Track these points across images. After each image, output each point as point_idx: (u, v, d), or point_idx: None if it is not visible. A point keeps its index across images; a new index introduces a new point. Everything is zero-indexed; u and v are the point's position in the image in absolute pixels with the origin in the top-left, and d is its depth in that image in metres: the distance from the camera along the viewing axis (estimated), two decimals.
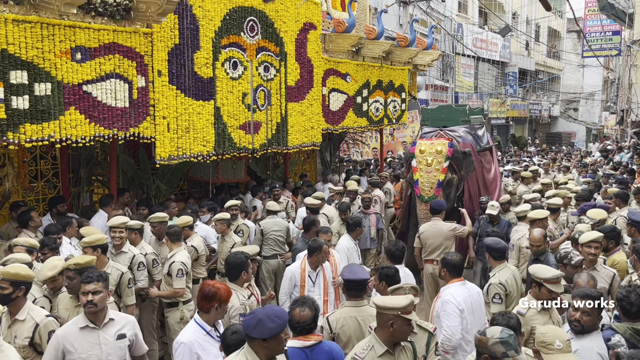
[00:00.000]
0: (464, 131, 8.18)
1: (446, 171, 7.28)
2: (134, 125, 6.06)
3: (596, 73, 38.12)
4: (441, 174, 7.28)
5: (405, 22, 20.59)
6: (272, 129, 7.83)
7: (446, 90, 25.80)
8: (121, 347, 3.60)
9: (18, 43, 5.01)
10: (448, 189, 7.35)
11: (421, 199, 7.31)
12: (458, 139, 7.91)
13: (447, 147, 7.32)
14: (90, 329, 3.51)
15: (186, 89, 6.54)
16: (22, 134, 5.11)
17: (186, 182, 9.09)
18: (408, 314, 3.07)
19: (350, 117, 9.56)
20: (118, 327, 3.61)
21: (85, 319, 3.52)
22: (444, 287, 4.43)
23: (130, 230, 5.54)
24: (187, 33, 6.50)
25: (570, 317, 3.53)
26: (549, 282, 4.01)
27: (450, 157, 7.32)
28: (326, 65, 8.86)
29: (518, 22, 32.15)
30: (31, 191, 6.86)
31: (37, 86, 5.18)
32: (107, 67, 5.74)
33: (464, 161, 7.51)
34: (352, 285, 3.94)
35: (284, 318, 2.91)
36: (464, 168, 7.55)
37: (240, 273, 4.40)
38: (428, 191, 7.23)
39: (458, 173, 7.49)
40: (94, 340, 3.50)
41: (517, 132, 34.46)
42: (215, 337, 3.56)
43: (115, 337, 3.57)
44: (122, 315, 3.79)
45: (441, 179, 7.27)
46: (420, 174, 7.35)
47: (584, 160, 17.76)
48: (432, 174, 7.28)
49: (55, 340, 3.46)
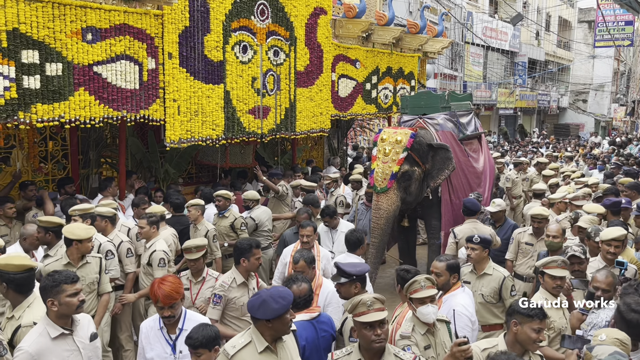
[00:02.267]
0: (443, 118, 7.58)
1: (402, 162, 6.58)
2: (143, 108, 6.06)
3: (606, 64, 37.72)
4: (396, 165, 6.59)
5: (415, 9, 20.41)
6: (281, 114, 7.81)
7: (455, 79, 25.62)
8: (98, 347, 3.32)
9: (29, 22, 5.02)
10: (405, 182, 6.67)
11: (374, 189, 6.74)
12: (437, 126, 7.34)
13: (408, 138, 6.61)
14: (64, 336, 3.09)
15: (196, 72, 6.52)
16: (33, 113, 5.13)
17: (194, 166, 9.10)
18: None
19: (359, 104, 9.52)
20: (86, 327, 3.27)
21: (55, 326, 3.06)
22: (446, 296, 3.93)
23: (100, 218, 5.16)
24: (198, 15, 6.47)
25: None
26: (548, 267, 3.91)
27: (409, 148, 6.61)
28: (336, 50, 8.81)
29: (529, 11, 31.79)
30: (40, 172, 6.90)
31: (49, 66, 5.20)
32: (117, 49, 5.74)
33: (430, 155, 6.81)
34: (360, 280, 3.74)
35: (288, 299, 2.87)
36: (431, 162, 6.83)
37: (239, 259, 4.22)
38: (381, 182, 6.62)
39: (422, 166, 6.79)
40: (71, 347, 3.11)
41: (525, 122, 34.25)
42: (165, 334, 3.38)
43: (89, 338, 3.24)
44: (82, 315, 3.33)
45: (395, 170, 6.58)
46: (376, 163, 6.74)
47: (593, 151, 17.64)
48: (388, 164, 6.63)
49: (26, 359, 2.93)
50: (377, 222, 6.62)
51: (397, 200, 6.64)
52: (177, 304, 3.32)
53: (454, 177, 7.13)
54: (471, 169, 7.64)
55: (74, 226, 4.45)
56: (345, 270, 3.69)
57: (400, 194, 6.65)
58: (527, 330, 3.03)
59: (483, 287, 4.47)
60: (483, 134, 8.76)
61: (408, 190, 6.74)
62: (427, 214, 7.32)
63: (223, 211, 6.47)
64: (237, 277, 4.23)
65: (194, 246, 4.56)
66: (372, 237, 6.65)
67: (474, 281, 4.57)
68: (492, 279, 4.47)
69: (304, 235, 4.90)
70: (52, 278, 3.10)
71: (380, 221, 6.60)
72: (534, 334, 3.02)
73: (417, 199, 6.92)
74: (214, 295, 4.14)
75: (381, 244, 6.70)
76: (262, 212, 6.83)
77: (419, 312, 3.25)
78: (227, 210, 6.48)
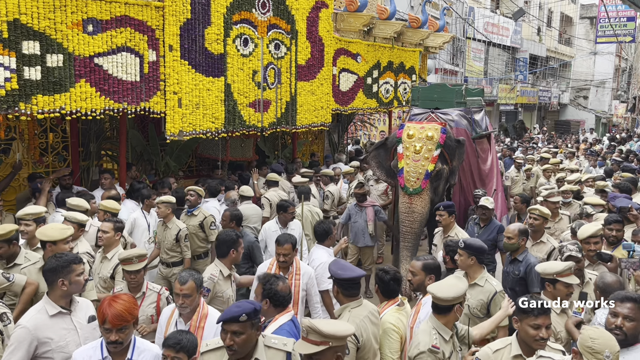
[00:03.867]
0: (458, 115, 7.05)
1: (436, 160, 6.16)
2: (144, 100, 6.06)
3: (608, 60, 37.64)
4: (430, 164, 6.15)
5: (416, 3, 20.34)
6: (282, 108, 7.80)
7: (456, 75, 25.57)
8: (95, 329, 3.27)
9: (30, 13, 5.02)
10: (437, 182, 6.28)
11: (405, 190, 6.23)
12: (451, 123, 6.88)
13: (440, 133, 6.20)
14: (62, 314, 3.16)
15: (197, 64, 6.51)
16: (34, 105, 5.13)
17: (195, 159, 9.10)
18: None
19: (360, 98, 9.51)
20: (85, 309, 3.31)
21: (54, 305, 3.14)
22: (426, 298, 3.61)
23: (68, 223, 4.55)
24: (199, 8, 6.46)
25: (610, 325, 3.03)
26: (563, 275, 3.63)
27: (442, 144, 6.21)
28: (337, 44, 8.79)
29: (530, 7, 31.70)
30: (41, 164, 6.89)
31: (49, 57, 5.20)
32: (118, 40, 5.73)
33: (457, 150, 6.43)
34: (350, 284, 3.39)
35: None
36: (457, 158, 6.45)
37: (229, 250, 4.15)
38: (414, 182, 6.14)
39: (450, 164, 6.39)
40: (69, 325, 3.17)
41: (525, 118, 34.21)
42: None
43: (87, 319, 3.27)
44: (81, 298, 3.42)
45: (430, 169, 6.15)
46: (406, 162, 6.22)
47: (593, 147, 17.63)
48: (420, 162, 6.15)
49: (25, 334, 2.98)
50: (411, 226, 6.17)
51: (429, 201, 6.22)
52: (128, 327, 2.83)
53: (463, 177, 6.85)
54: (478, 169, 7.30)
55: (48, 227, 4.10)
56: (330, 272, 3.47)
57: (431, 195, 6.22)
58: (525, 327, 2.99)
59: (470, 298, 3.99)
60: (492, 134, 8.30)
61: (437, 190, 6.32)
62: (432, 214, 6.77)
63: (192, 209, 6.03)
64: (223, 269, 4.15)
65: (135, 255, 3.92)
66: (405, 241, 6.27)
67: None
68: (481, 291, 3.98)
69: (280, 254, 4.21)
70: (61, 259, 3.20)
71: (414, 225, 6.17)
72: (533, 330, 2.95)
73: (441, 198, 6.42)
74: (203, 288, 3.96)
75: (414, 248, 6.27)
76: (249, 208, 6.46)
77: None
78: (196, 208, 6.04)
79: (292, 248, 4.25)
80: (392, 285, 3.60)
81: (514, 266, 4.75)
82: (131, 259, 3.91)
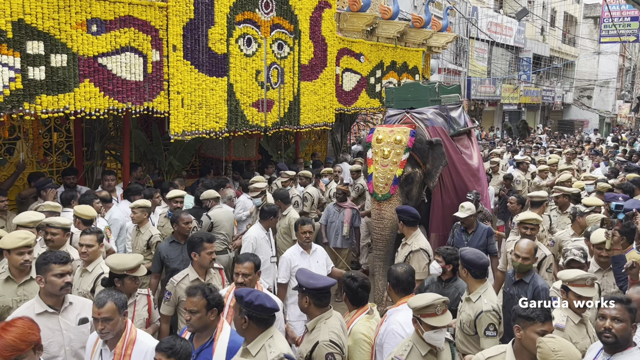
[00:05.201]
0: (433, 113, 6.80)
1: (405, 165, 5.90)
2: (147, 100, 6.08)
3: (612, 60, 37.50)
4: (398, 168, 5.87)
5: (420, 3, 20.31)
6: (285, 108, 7.81)
7: (459, 74, 25.53)
8: (84, 332, 3.24)
9: (35, 13, 5.04)
10: (408, 186, 6.00)
11: (374, 196, 5.98)
12: (426, 122, 6.65)
13: (408, 136, 5.93)
14: (49, 314, 3.12)
15: (200, 64, 6.53)
16: (38, 104, 5.15)
17: (198, 159, 9.12)
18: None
19: (363, 98, 9.51)
20: (78, 311, 3.26)
21: (42, 304, 3.13)
22: (391, 310, 3.42)
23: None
24: (202, 8, 6.47)
25: (599, 329, 2.93)
26: (575, 285, 3.44)
27: (411, 147, 5.93)
28: (340, 44, 8.79)
29: (534, 6, 31.63)
30: (45, 163, 6.92)
31: (53, 57, 5.22)
32: (122, 40, 5.75)
33: (430, 152, 6.14)
34: (323, 293, 3.18)
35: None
36: (431, 161, 6.17)
37: (189, 253, 4.07)
38: (382, 188, 5.89)
39: (422, 167, 6.12)
40: (54, 326, 3.13)
41: (529, 118, 34.11)
42: None
43: (76, 321, 3.23)
44: (80, 299, 3.37)
45: (398, 174, 5.87)
46: (375, 167, 5.98)
47: (596, 148, 17.59)
48: (389, 167, 5.89)
49: None
50: (381, 232, 5.94)
51: None
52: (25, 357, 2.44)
53: (445, 176, 6.53)
54: (465, 166, 6.95)
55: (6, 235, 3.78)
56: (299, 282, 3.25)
57: (403, 200, 5.97)
58: (531, 334, 2.80)
59: (464, 312, 3.77)
60: (473, 129, 8.01)
61: (410, 195, 6.06)
62: None
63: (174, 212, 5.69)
64: (190, 273, 4.03)
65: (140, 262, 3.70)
66: (377, 250, 6.06)
67: (463, 302, 3.88)
68: (472, 307, 3.69)
69: (239, 274, 3.69)
70: (44, 256, 3.22)
71: (385, 232, 5.92)
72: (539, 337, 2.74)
73: (417, 203, 6.19)
74: (165, 291, 4.05)
75: (387, 256, 5.95)
76: (221, 212, 6.12)
77: (428, 336, 2.87)
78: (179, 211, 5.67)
79: (253, 268, 3.70)
80: (361, 292, 3.42)
81: (519, 288, 4.15)
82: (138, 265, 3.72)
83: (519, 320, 2.89)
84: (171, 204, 5.87)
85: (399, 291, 3.49)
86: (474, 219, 5.76)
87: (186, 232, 4.90)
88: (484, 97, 27.18)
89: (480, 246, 5.40)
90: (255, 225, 5.44)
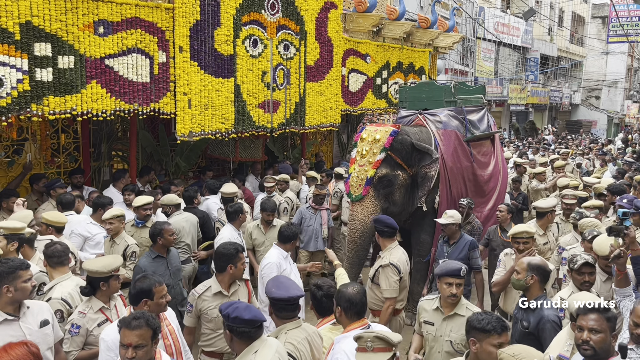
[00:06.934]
0: (447, 115, 6.41)
1: (379, 165, 5.57)
2: (154, 101, 6.10)
3: (620, 60, 37.26)
4: (371, 169, 5.58)
5: (426, 3, 20.28)
6: (291, 109, 7.81)
7: (466, 75, 25.46)
8: (47, 334, 3.22)
9: (42, 15, 5.07)
10: (386, 189, 5.64)
11: (349, 196, 5.78)
12: (438, 125, 6.30)
13: (387, 136, 5.60)
14: (8, 321, 3.08)
15: (206, 65, 6.54)
16: (45, 106, 5.18)
17: (204, 160, 9.14)
18: None
19: (369, 99, 9.50)
20: (36, 314, 3.21)
21: (0, 312, 3.09)
22: (338, 337, 3.06)
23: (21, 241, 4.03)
24: (208, 9, 6.49)
25: (577, 341, 2.77)
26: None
27: (387, 148, 5.58)
28: (346, 45, 8.79)
29: (541, 6, 31.48)
30: (53, 164, 6.96)
31: (61, 59, 5.25)
32: (129, 42, 5.77)
33: (417, 155, 5.80)
34: (283, 304, 3.03)
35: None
36: (420, 164, 5.79)
37: (226, 266, 3.79)
38: (356, 189, 5.65)
39: (408, 170, 5.76)
40: (16, 332, 3.07)
41: (536, 119, 33.96)
42: None
43: (38, 324, 3.18)
44: (35, 302, 3.31)
45: (370, 174, 5.57)
46: (354, 167, 5.76)
47: (604, 149, 17.47)
48: (364, 167, 5.62)
49: None
50: (351, 235, 5.68)
51: (375, 210, 5.60)
52: None
53: (454, 186, 6.22)
54: (472, 176, 6.59)
55: None
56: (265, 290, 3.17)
57: (380, 203, 5.64)
58: (488, 347, 2.68)
59: (452, 331, 3.41)
60: (497, 134, 7.54)
61: (391, 198, 5.70)
62: (417, 225, 6.24)
63: (143, 220, 5.48)
64: (213, 285, 3.82)
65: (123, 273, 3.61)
66: (347, 252, 5.81)
67: (439, 323, 3.51)
68: (464, 322, 3.23)
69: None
70: (7, 265, 3.12)
71: (354, 234, 5.62)
72: (496, 350, 2.61)
73: (406, 209, 5.88)
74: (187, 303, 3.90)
75: (356, 260, 5.66)
76: (181, 220, 5.77)
77: None
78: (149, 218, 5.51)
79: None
80: (325, 302, 3.25)
81: (524, 313, 3.70)
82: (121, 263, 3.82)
83: (474, 333, 2.73)
84: (139, 212, 5.48)
85: (352, 315, 3.07)
86: (456, 228, 5.34)
87: (171, 244, 4.66)
88: (491, 98, 27.08)
89: (461, 259, 4.99)
90: (227, 227, 5.34)
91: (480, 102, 7.21)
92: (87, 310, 3.50)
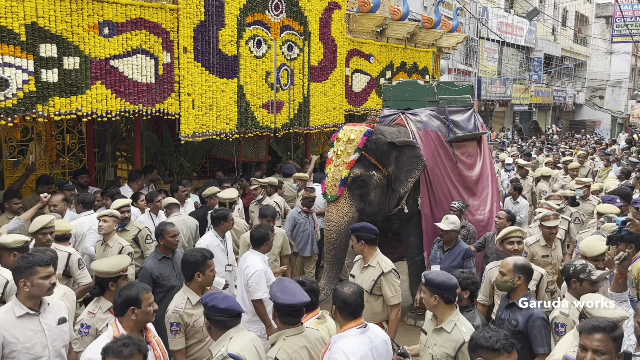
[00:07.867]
0: (428, 115, 6.29)
1: (352, 165, 5.49)
2: (159, 101, 6.12)
3: (624, 60, 37.13)
4: (345, 169, 5.50)
5: (429, 4, 20.26)
6: (294, 109, 7.83)
7: (469, 75, 25.43)
8: (65, 331, 3.28)
9: (48, 16, 5.10)
10: (360, 190, 5.54)
11: (324, 197, 5.73)
12: (419, 124, 6.18)
13: (361, 136, 5.51)
14: (30, 315, 3.12)
15: (211, 66, 6.56)
16: (51, 106, 5.21)
17: (208, 160, 9.17)
18: None
19: (372, 99, 9.50)
20: (55, 311, 3.26)
21: (22, 306, 3.11)
22: (335, 337, 3.03)
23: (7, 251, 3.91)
24: (213, 10, 6.51)
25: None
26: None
27: (361, 148, 5.49)
28: (350, 45, 8.80)
29: (545, 6, 31.41)
30: (58, 165, 7.00)
31: (66, 60, 5.28)
32: (133, 43, 5.80)
33: (394, 155, 5.71)
34: (289, 310, 2.97)
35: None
36: (396, 164, 5.73)
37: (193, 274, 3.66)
38: (331, 189, 5.58)
39: (383, 170, 5.65)
40: (36, 327, 3.13)
41: (540, 119, 33.89)
42: None
43: (57, 321, 3.23)
44: (54, 300, 3.34)
45: (344, 175, 5.49)
46: (329, 167, 5.70)
47: (608, 149, 17.43)
48: (339, 167, 5.55)
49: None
50: (327, 235, 5.62)
51: (350, 211, 5.52)
52: None
53: (437, 187, 6.10)
54: (459, 177, 6.43)
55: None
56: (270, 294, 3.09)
57: (355, 204, 5.55)
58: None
59: (435, 345, 3.23)
60: (484, 135, 7.25)
61: (366, 199, 5.61)
62: (404, 228, 6.21)
63: (122, 224, 5.25)
64: (190, 296, 3.68)
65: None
66: (325, 252, 5.75)
67: (429, 334, 3.35)
68: (448, 338, 3.16)
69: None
70: (26, 260, 3.14)
71: (330, 235, 5.55)
72: None
73: (383, 209, 5.79)
74: (170, 324, 3.61)
75: (334, 260, 5.60)
76: (178, 221, 5.45)
77: None
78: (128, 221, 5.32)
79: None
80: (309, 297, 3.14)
81: (510, 313, 3.63)
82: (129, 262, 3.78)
83: (481, 352, 2.53)
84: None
85: (347, 315, 3.06)
86: (455, 235, 5.18)
87: (174, 246, 4.56)
88: (494, 98, 27.05)
89: (453, 267, 4.79)
90: (209, 233, 5.10)
91: (467, 102, 7.02)
92: (96, 310, 3.52)
